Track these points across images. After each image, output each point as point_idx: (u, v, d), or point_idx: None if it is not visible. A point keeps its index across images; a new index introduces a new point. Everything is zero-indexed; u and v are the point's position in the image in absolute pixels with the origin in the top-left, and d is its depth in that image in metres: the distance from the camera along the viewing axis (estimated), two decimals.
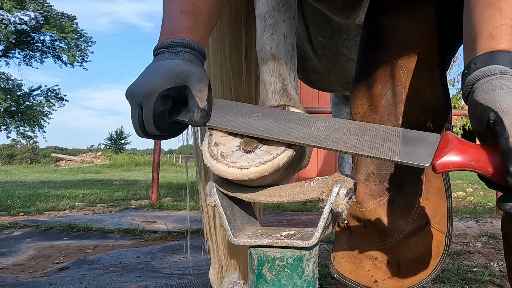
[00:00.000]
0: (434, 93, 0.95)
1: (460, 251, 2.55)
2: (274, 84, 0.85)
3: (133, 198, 5.52)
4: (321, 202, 0.60)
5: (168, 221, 3.70)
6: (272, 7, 0.89)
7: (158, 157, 5.05)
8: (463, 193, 5.80)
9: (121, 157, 19.36)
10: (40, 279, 2.06)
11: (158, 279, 2.04)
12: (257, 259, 0.59)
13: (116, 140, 43.27)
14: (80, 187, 7.24)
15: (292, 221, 3.70)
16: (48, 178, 9.90)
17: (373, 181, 0.94)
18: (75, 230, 3.18)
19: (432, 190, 0.94)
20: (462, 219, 3.80)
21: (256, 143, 0.65)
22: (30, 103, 25.31)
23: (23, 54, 25.00)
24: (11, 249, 2.67)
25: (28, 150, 36.33)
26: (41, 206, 4.48)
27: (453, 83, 15.30)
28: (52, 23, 23.64)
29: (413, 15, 0.97)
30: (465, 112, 7.94)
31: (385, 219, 0.91)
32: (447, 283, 1.97)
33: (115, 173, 12.86)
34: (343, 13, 1.26)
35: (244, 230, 0.67)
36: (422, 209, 0.92)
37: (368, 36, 1.02)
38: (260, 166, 0.61)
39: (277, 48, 0.88)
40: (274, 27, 0.89)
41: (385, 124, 0.95)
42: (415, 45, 0.95)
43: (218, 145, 0.66)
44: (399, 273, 0.91)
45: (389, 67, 0.96)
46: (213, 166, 0.63)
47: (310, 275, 0.59)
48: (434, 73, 0.96)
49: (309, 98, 6.73)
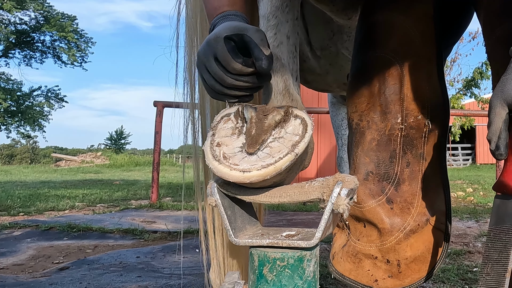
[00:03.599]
0: (432, 90, 0.95)
1: (460, 251, 2.55)
2: (277, 84, 0.85)
3: (133, 198, 5.51)
4: (322, 202, 0.60)
5: (168, 221, 3.70)
6: (276, 8, 0.89)
7: (158, 157, 5.05)
8: (463, 193, 5.80)
9: (121, 157, 19.37)
10: (40, 279, 2.06)
11: (158, 279, 2.04)
12: (257, 259, 0.59)
13: (116, 140, 43.24)
14: (80, 187, 7.23)
15: (292, 221, 3.70)
16: (48, 178, 9.90)
17: (372, 181, 0.94)
18: (75, 230, 3.18)
19: (431, 189, 0.94)
20: (462, 219, 3.80)
21: (258, 145, 0.64)
22: (30, 103, 25.31)
23: (23, 54, 24.99)
24: (11, 249, 2.67)
25: (28, 150, 36.29)
26: (41, 206, 4.48)
27: (452, 83, 15.30)
28: (52, 23, 23.63)
29: (410, 12, 0.96)
30: (464, 112, 7.95)
31: (384, 218, 0.91)
32: (447, 283, 1.97)
33: (115, 173, 12.86)
34: (345, 14, 1.26)
35: (244, 230, 0.67)
36: (421, 208, 0.92)
37: (364, 33, 1.02)
38: (262, 170, 0.60)
39: (280, 48, 0.88)
40: (277, 27, 0.89)
41: (384, 122, 0.95)
42: (413, 42, 0.95)
43: (220, 145, 0.66)
44: (399, 272, 0.91)
45: (386, 65, 0.95)
46: (215, 168, 0.63)
47: (311, 275, 0.59)
48: (432, 70, 0.96)
49: (309, 98, 6.73)
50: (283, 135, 0.66)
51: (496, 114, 0.66)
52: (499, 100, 0.66)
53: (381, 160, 0.94)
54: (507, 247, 0.65)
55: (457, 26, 1.10)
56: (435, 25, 0.96)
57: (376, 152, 0.95)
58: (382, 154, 0.94)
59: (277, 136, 0.66)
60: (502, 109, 0.66)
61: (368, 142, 0.96)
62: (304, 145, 0.64)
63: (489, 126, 0.67)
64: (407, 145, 0.93)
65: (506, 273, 0.64)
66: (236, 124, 0.70)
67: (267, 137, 0.66)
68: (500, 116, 0.66)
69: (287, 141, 0.65)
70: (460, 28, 1.12)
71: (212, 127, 0.71)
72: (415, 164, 0.93)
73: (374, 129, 0.96)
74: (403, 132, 0.93)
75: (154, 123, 5.04)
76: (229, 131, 0.69)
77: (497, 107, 0.66)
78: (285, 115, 0.69)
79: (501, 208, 0.68)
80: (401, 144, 0.93)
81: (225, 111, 0.74)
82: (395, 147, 0.94)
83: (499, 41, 0.83)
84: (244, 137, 0.67)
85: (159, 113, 4.99)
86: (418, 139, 0.94)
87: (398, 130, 0.93)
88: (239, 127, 0.70)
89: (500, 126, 0.66)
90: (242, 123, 0.70)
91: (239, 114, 0.71)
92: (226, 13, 0.84)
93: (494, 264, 0.66)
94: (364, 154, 0.96)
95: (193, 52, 1.26)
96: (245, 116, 0.71)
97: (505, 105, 0.65)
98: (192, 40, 1.26)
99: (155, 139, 5.04)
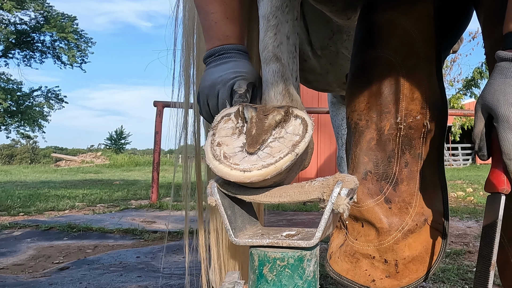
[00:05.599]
0: (432, 90, 0.95)
1: (460, 251, 2.55)
2: (277, 84, 0.86)
3: (133, 198, 5.51)
4: (322, 202, 0.60)
5: (168, 221, 3.70)
6: (276, 8, 0.89)
7: (158, 157, 5.05)
8: (463, 193, 5.80)
9: (121, 157, 19.37)
10: (40, 279, 2.06)
11: (158, 279, 2.04)
12: (258, 259, 0.59)
13: (116, 140, 43.24)
14: (80, 187, 7.23)
15: (292, 221, 3.70)
16: (48, 178, 9.89)
17: (370, 180, 0.94)
18: (75, 230, 3.18)
19: (429, 189, 0.94)
20: (462, 219, 3.80)
21: (259, 145, 0.64)
22: (30, 103, 25.30)
23: (23, 55, 24.98)
24: (11, 249, 2.67)
25: (28, 150, 36.28)
26: (41, 206, 4.48)
27: (452, 83, 15.32)
28: (52, 23, 23.62)
29: (411, 12, 0.96)
30: (464, 112, 7.95)
31: (383, 218, 0.91)
32: (447, 283, 1.97)
33: (115, 173, 12.85)
34: (344, 14, 1.26)
35: (245, 230, 0.67)
36: (420, 208, 0.92)
37: (364, 33, 1.02)
38: (263, 170, 0.60)
39: (280, 48, 0.88)
40: (277, 27, 0.89)
41: (383, 122, 0.95)
42: (413, 42, 0.95)
43: (221, 145, 0.66)
44: (397, 272, 0.91)
45: (386, 64, 0.95)
46: (215, 167, 0.63)
47: (311, 275, 0.59)
48: (431, 70, 0.96)
49: (309, 98, 6.72)
50: (284, 135, 0.67)
51: (478, 118, 0.70)
52: (480, 105, 0.70)
53: (379, 160, 0.94)
54: (492, 242, 0.68)
55: (457, 26, 1.10)
56: (435, 25, 0.96)
57: (375, 151, 0.95)
58: (381, 154, 0.95)
59: (277, 136, 0.67)
60: (482, 113, 0.70)
61: (367, 142, 0.96)
62: (305, 145, 0.64)
63: (473, 129, 0.72)
64: (405, 145, 0.94)
65: (490, 267, 0.66)
66: (237, 124, 0.70)
67: (268, 137, 0.66)
68: (481, 120, 0.70)
69: (288, 141, 0.65)
70: (460, 28, 1.13)
71: (213, 127, 0.71)
72: (414, 164, 0.93)
73: (373, 128, 0.96)
74: (402, 132, 0.93)
75: (154, 123, 5.04)
76: (229, 131, 0.69)
77: (478, 111, 0.70)
78: (285, 115, 0.69)
79: (490, 206, 0.71)
80: (399, 144, 0.94)
81: (226, 111, 0.74)
82: (394, 147, 0.94)
83: (498, 43, 0.84)
84: (245, 137, 0.67)
85: (159, 113, 4.99)
86: (416, 139, 0.94)
87: (397, 130, 0.94)
88: (239, 127, 0.70)
89: (481, 129, 0.70)
90: (242, 123, 0.70)
91: (240, 114, 0.72)
92: (232, 47, 0.93)
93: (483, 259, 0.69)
94: (363, 153, 0.96)
95: (189, 54, 1.27)
96: (245, 116, 0.71)
97: (484, 109, 0.69)
98: (188, 43, 1.27)
99: (155, 139, 5.04)
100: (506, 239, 0.88)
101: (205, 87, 0.89)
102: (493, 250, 0.67)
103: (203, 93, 0.90)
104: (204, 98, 0.90)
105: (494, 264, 0.67)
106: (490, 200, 0.72)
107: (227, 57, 0.91)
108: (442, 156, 0.97)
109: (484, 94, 0.69)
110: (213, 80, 0.88)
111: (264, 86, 0.88)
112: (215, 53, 0.92)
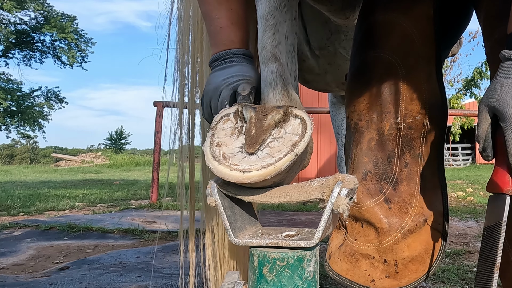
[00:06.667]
0: (431, 90, 0.95)
1: (460, 251, 2.55)
2: (276, 84, 0.85)
3: (133, 198, 5.51)
4: (322, 202, 0.60)
5: (168, 221, 3.70)
6: (274, 7, 0.89)
7: (158, 157, 5.05)
8: (463, 193, 5.80)
9: (121, 157, 19.37)
10: (40, 279, 2.06)
11: (158, 279, 2.04)
12: (257, 259, 0.59)
13: (116, 140, 43.22)
14: (80, 187, 7.23)
15: (292, 221, 3.70)
16: (48, 178, 9.89)
17: (370, 180, 0.94)
18: (75, 230, 3.18)
19: (429, 189, 0.94)
20: (462, 219, 3.80)
21: (258, 145, 0.64)
22: (30, 103, 25.29)
23: (23, 55, 24.97)
24: (11, 249, 2.67)
25: (28, 150, 36.27)
26: (41, 206, 4.48)
27: (452, 83, 15.32)
28: (52, 23, 23.60)
29: (410, 12, 0.96)
30: (464, 112, 7.95)
31: (382, 218, 0.91)
32: (447, 283, 1.97)
33: (115, 173, 12.85)
34: (343, 14, 1.26)
35: (244, 230, 0.67)
36: (419, 208, 0.92)
37: (364, 33, 1.02)
38: (262, 170, 0.60)
39: (278, 48, 0.88)
40: (275, 27, 0.89)
41: (383, 122, 0.95)
42: (413, 42, 0.95)
43: (220, 146, 0.66)
44: (397, 272, 0.91)
45: (386, 64, 0.95)
46: (215, 168, 0.63)
47: (311, 275, 0.59)
48: (431, 70, 0.96)
49: (309, 98, 6.72)
50: (283, 135, 0.66)
51: (483, 118, 0.70)
52: (485, 105, 0.69)
53: (379, 160, 0.94)
54: (495, 243, 0.67)
55: (457, 26, 1.10)
56: (435, 25, 0.96)
57: (374, 152, 0.95)
58: (380, 154, 0.95)
59: (276, 136, 0.66)
60: (487, 113, 0.69)
61: (367, 142, 0.96)
62: (304, 144, 0.64)
63: (477, 129, 0.71)
64: (405, 145, 0.94)
65: (495, 268, 0.65)
66: (236, 124, 0.70)
67: (267, 137, 0.66)
68: (486, 120, 0.69)
69: (287, 141, 0.65)
70: (460, 28, 1.13)
71: (212, 127, 0.71)
72: (413, 164, 0.93)
73: (373, 128, 0.96)
74: (402, 132, 0.93)
75: (154, 123, 5.04)
76: (228, 131, 0.69)
77: (483, 111, 0.70)
78: (284, 115, 0.69)
79: (492, 207, 0.70)
80: (399, 144, 0.94)
81: (225, 111, 0.74)
82: (394, 147, 0.94)
83: (499, 43, 0.83)
84: (244, 137, 0.67)
85: (159, 113, 5.00)
86: (416, 139, 0.94)
87: (396, 130, 0.94)
88: (238, 127, 0.70)
89: (486, 129, 0.69)
90: (241, 123, 0.70)
91: (239, 114, 0.71)
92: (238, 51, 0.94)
93: (486, 261, 0.68)
94: (363, 153, 0.96)
95: (184, 52, 1.28)
96: (244, 116, 0.71)
97: (490, 109, 0.68)
98: (183, 42, 1.27)
99: (155, 139, 5.05)
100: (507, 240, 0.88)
101: (209, 89, 0.90)
102: (498, 252, 0.67)
103: (207, 96, 0.91)
104: (208, 100, 0.91)
105: (499, 265, 0.66)
106: (493, 200, 0.71)
107: (232, 61, 0.92)
108: (442, 156, 0.97)
109: (490, 94, 0.68)
110: (218, 83, 0.89)
111: (263, 86, 0.88)
112: (220, 57, 0.94)
